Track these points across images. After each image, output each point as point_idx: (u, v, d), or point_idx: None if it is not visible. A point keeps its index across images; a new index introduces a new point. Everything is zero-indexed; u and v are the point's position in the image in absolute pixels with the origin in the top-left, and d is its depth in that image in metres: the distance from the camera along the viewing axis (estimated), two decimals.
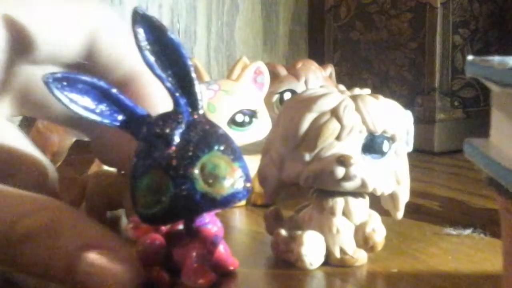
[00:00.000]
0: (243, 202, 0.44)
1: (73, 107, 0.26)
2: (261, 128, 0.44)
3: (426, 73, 0.66)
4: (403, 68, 0.69)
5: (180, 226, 0.30)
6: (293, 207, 0.35)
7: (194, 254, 0.28)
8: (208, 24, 0.83)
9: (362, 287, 0.30)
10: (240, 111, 0.43)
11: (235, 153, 0.26)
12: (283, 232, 0.32)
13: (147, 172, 0.26)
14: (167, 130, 0.26)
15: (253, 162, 0.45)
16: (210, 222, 0.29)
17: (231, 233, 0.39)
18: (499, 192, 0.20)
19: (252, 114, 0.43)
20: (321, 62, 0.55)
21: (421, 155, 0.64)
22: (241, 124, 0.43)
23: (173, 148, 0.26)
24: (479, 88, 0.68)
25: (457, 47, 0.66)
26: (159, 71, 0.26)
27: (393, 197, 0.32)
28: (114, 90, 0.26)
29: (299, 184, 0.31)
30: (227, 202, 0.26)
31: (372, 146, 0.31)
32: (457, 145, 0.64)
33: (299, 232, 0.31)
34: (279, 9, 0.89)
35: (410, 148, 0.33)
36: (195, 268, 0.28)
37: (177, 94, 0.26)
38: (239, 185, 0.26)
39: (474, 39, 0.68)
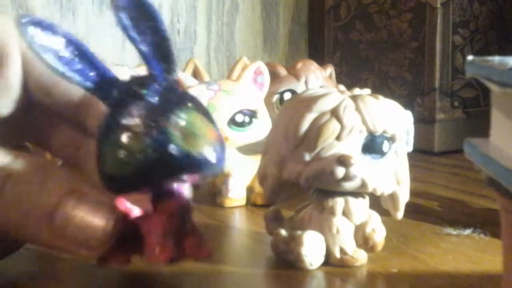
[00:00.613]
0: (243, 202, 0.44)
1: (49, 58, 0.24)
2: (261, 128, 0.44)
3: (426, 73, 0.66)
4: (403, 68, 0.69)
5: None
6: (293, 207, 0.35)
7: (157, 227, 0.26)
8: (208, 24, 0.83)
9: (362, 287, 0.30)
10: (240, 111, 0.43)
11: (209, 116, 0.26)
12: (283, 232, 0.32)
13: (119, 130, 0.24)
14: (144, 88, 0.25)
15: (253, 162, 0.45)
16: (178, 196, 0.27)
17: (231, 233, 0.40)
18: (499, 192, 0.20)
19: (252, 114, 0.43)
20: (321, 62, 0.55)
21: (421, 155, 0.64)
22: (241, 124, 0.43)
23: (150, 106, 0.25)
24: (479, 88, 0.68)
25: (457, 47, 0.66)
26: (133, 34, 0.25)
27: (393, 197, 0.32)
28: (87, 48, 0.25)
29: (299, 184, 0.31)
30: (203, 161, 0.24)
31: (372, 146, 0.31)
32: (457, 145, 0.64)
33: (299, 232, 0.31)
34: (279, 9, 0.89)
35: (410, 148, 0.33)
36: (156, 242, 0.26)
37: (153, 59, 0.26)
38: (215, 148, 0.25)
39: (474, 39, 0.68)
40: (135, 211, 0.27)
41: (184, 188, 0.27)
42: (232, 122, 0.43)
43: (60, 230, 0.24)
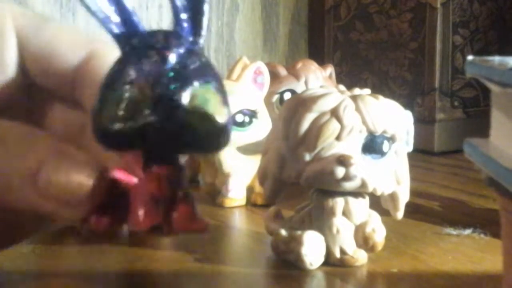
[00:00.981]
0: (243, 202, 0.44)
1: None
2: (261, 128, 0.44)
3: (426, 73, 0.66)
4: (403, 68, 0.69)
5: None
6: (293, 207, 0.35)
7: (143, 193, 0.25)
8: (208, 24, 0.83)
9: (362, 287, 0.30)
10: (240, 111, 0.43)
11: (226, 97, 0.24)
12: (283, 232, 0.32)
13: (128, 84, 0.23)
14: (167, 46, 0.23)
15: (253, 162, 0.45)
16: (170, 162, 0.25)
17: (231, 233, 0.40)
18: (499, 192, 0.20)
19: (252, 114, 0.43)
20: (321, 62, 0.55)
21: (421, 155, 0.64)
22: (241, 124, 0.43)
23: (168, 66, 0.23)
24: (479, 88, 0.68)
25: (457, 47, 0.66)
26: None
27: (393, 197, 0.32)
28: None
29: (299, 184, 0.31)
30: (205, 142, 0.23)
31: (372, 146, 0.31)
32: (457, 145, 0.64)
33: (299, 232, 0.31)
34: (279, 9, 0.89)
35: (410, 148, 0.33)
36: (140, 207, 0.24)
37: (183, 17, 0.24)
38: (222, 131, 0.24)
39: (474, 39, 0.68)
40: (127, 178, 0.25)
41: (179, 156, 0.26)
42: (232, 122, 0.42)
43: (44, 190, 0.23)
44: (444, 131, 0.66)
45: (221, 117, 0.24)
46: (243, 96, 0.43)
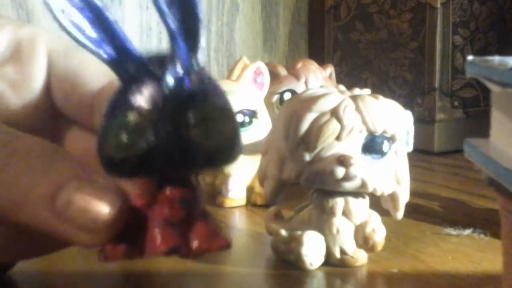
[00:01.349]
0: (243, 202, 0.44)
1: (62, 19, 0.23)
2: (261, 128, 0.44)
3: (426, 73, 0.66)
4: (403, 68, 0.69)
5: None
6: (293, 207, 0.35)
7: (158, 217, 0.25)
8: (208, 24, 0.83)
9: (362, 287, 0.30)
10: (240, 111, 0.43)
11: (229, 110, 0.24)
12: (283, 232, 0.32)
13: (128, 110, 0.23)
14: (163, 69, 0.24)
15: (253, 162, 0.45)
16: (183, 184, 0.25)
17: (231, 233, 0.40)
18: (499, 192, 0.20)
19: (252, 114, 0.43)
20: (321, 62, 0.55)
21: (421, 155, 0.64)
22: (241, 124, 0.43)
23: (166, 90, 0.23)
24: (479, 88, 0.68)
25: (457, 47, 0.66)
26: (161, 3, 0.23)
27: (393, 197, 0.32)
28: (108, 14, 0.24)
29: (299, 184, 0.31)
30: (214, 159, 0.23)
31: (372, 146, 0.31)
32: (457, 145, 0.64)
33: (299, 232, 0.31)
34: (279, 9, 0.89)
35: (410, 148, 0.33)
36: (156, 231, 0.24)
37: (179, 37, 0.24)
38: (227, 148, 0.23)
39: (474, 39, 0.68)
40: (144, 205, 0.25)
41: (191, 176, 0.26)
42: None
43: (62, 212, 0.23)
44: (444, 131, 0.66)
45: (226, 131, 0.23)
46: (243, 96, 0.43)
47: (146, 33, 0.77)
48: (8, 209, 0.23)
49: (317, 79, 0.52)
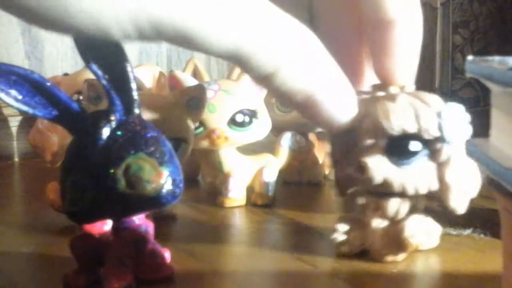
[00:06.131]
0: (243, 202, 0.44)
1: (3, 96, 0.26)
2: (261, 128, 0.44)
3: (426, 73, 0.66)
4: None
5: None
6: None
7: (112, 255, 0.29)
8: None
9: (362, 287, 0.30)
10: (240, 111, 0.43)
11: (163, 157, 0.26)
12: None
13: (73, 169, 0.26)
14: (96, 128, 0.26)
15: (253, 162, 0.45)
16: (138, 224, 0.29)
17: (231, 233, 0.40)
18: (499, 192, 0.20)
19: (252, 114, 0.43)
20: None
21: None
22: (241, 124, 0.43)
23: (99, 146, 0.26)
24: (479, 88, 0.68)
25: (457, 47, 0.66)
26: (95, 68, 0.26)
27: (437, 195, 0.32)
28: (48, 84, 0.26)
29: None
30: (148, 205, 0.26)
31: (397, 147, 0.30)
32: None
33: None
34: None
35: (452, 143, 0.32)
36: (112, 271, 0.28)
37: (112, 93, 0.27)
38: (164, 189, 0.26)
39: (474, 39, 0.68)
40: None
41: (140, 218, 0.29)
42: (232, 122, 0.42)
43: None
44: None
45: (158, 177, 0.26)
46: (243, 96, 0.43)
47: None
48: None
49: None
